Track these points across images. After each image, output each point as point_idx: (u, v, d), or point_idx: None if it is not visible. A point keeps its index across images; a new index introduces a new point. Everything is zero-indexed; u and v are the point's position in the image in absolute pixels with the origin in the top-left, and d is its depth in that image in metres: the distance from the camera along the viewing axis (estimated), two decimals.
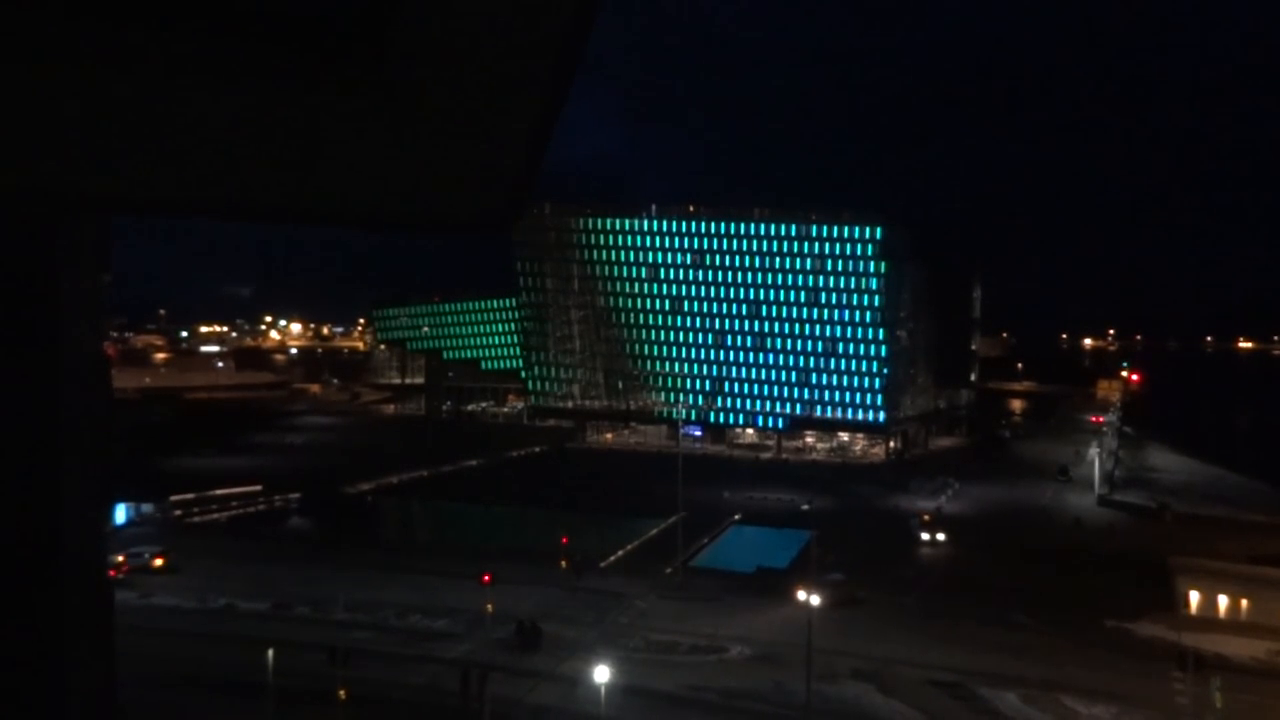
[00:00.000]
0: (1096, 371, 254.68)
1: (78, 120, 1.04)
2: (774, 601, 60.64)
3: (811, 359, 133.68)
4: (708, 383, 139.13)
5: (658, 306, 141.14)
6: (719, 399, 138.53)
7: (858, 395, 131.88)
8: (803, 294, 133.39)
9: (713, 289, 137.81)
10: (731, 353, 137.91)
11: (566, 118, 1.22)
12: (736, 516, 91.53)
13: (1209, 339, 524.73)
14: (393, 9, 1.05)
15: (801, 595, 59.35)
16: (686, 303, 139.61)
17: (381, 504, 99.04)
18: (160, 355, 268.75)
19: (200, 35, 1.02)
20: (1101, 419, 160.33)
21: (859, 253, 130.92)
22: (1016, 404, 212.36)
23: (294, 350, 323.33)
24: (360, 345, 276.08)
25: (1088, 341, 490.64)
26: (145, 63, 1.02)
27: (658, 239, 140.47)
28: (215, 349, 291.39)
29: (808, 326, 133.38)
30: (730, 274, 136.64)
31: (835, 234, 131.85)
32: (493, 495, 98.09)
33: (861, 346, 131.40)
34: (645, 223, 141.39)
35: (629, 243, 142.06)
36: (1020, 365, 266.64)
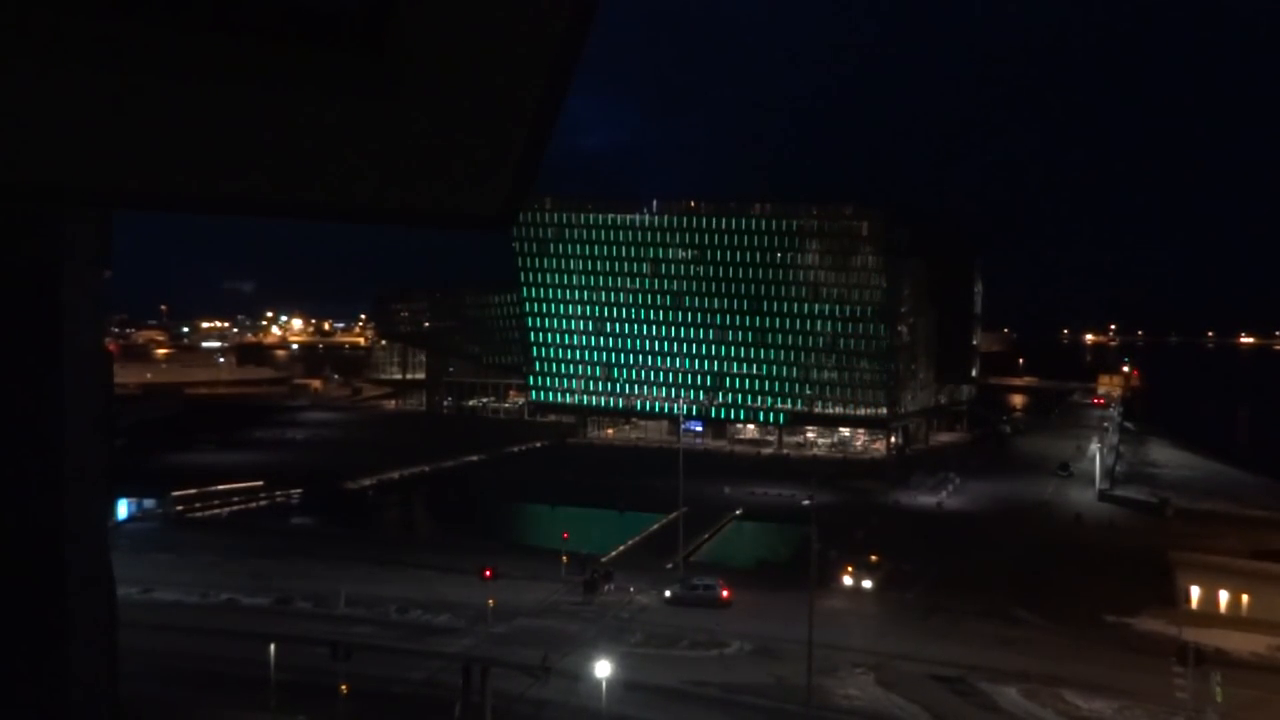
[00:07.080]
0: (1098, 367, 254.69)
1: (78, 116, 1.04)
2: (774, 596, 60.71)
3: (812, 354, 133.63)
4: (709, 378, 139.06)
5: (658, 301, 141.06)
6: (720, 394, 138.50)
7: (859, 390, 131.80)
8: (804, 289, 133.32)
9: (714, 284, 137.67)
10: (732, 348, 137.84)
11: (567, 112, 1.22)
12: (738, 512, 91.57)
13: (1210, 334, 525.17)
14: (393, 6, 1.05)
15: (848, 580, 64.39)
16: (687, 298, 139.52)
17: (382, 499, 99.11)
18: (161, 351, 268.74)
19: (200, 32, 1.02)
20: (1102, 400, 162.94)
21: (860, 248, 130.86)
22: (1017, 399, 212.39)
23: (295, 346, 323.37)
24: (361, 341, 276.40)
25: (1089, 337, 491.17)
26: (145, 59, 1.02)
27: (659, 234, 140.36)
28: (216, 345, 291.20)
29: (809, 322, 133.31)
30: (731, 269, 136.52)
31: (836, 229, 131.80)
32: (494, 490, 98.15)
33: (863, 342, 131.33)
34: (646, 217, 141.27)
35: (630, 237, 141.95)
36: (1021, 360, 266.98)
